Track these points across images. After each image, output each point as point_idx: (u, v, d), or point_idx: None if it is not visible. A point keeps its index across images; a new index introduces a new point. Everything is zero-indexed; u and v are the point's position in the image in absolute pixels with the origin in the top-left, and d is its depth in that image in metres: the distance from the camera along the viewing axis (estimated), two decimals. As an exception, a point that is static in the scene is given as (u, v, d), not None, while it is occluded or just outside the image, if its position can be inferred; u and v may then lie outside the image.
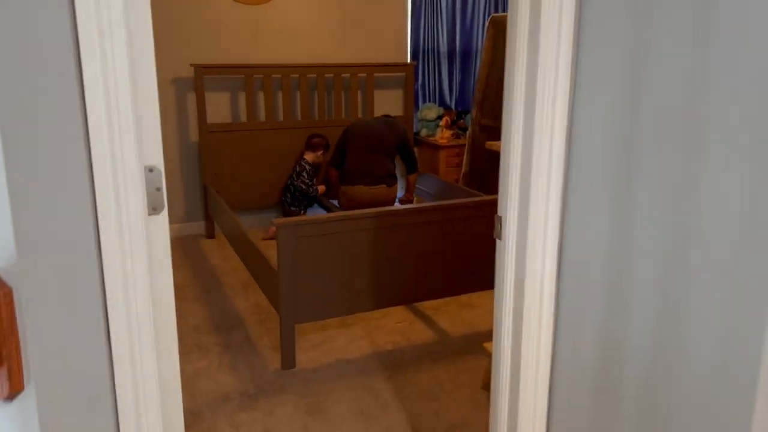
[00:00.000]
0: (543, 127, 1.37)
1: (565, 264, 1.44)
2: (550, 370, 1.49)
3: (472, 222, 3.06)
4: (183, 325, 3.24)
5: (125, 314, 1.21)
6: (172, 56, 4.50)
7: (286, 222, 2.66)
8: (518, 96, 1.41)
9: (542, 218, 1.41)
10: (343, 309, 2.88)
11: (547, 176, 1.39)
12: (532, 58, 1.36)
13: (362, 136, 4.35)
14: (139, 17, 1.17)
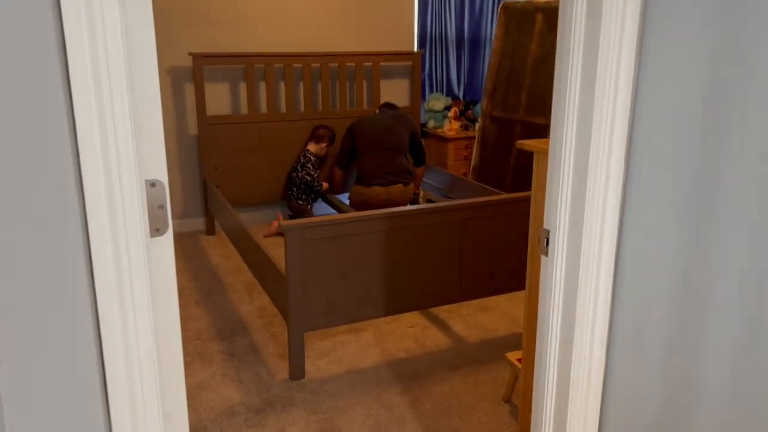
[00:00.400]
0: (601, 130, 1.19)
1: (621, 286, 1.27)
2: (601, 408, 1.33)
3: (490, 222, 2.88)
4: (184, 332, 3.07)
5: (125, 370, 1.03)
6: (170, 45, 4.30)
7: (293, 224, 2.48)
8: (571, 94, 1.23)
9: (597, 234, 1.24)
10: (354, 315, 2.71)
11: (605, 186, 1.22)
12: (590, 51, 1.18)
13: (372, 134, 4.15)
14: (137, 4, 0.98)
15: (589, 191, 1.23)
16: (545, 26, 4.22)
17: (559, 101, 1.27)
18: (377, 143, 4.13)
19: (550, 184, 1.31)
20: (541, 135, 4.22)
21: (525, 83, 4.35)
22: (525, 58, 4.36)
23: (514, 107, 4.43)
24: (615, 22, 1.14)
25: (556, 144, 1.28)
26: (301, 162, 4.46)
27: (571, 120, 1.25)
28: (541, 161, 1.85)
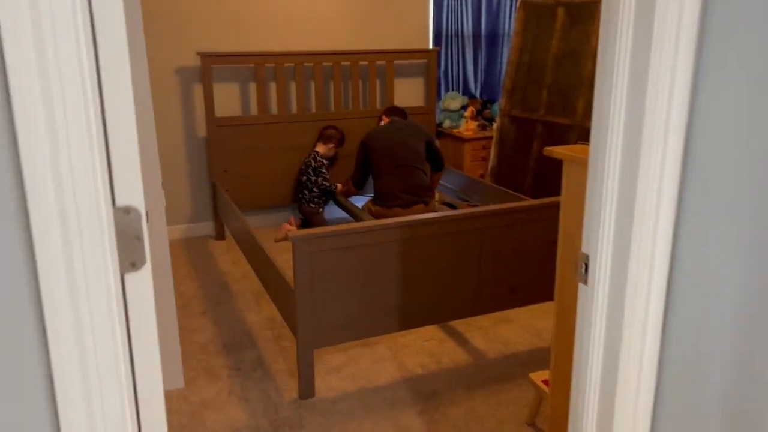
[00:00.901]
0: (653, 138, 1.02)
1: (674, 320, 1.10)
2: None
3: (511, 230, 2.71)
4: (189, 344, 2.93)
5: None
6: (177, 44, 4.17)
7: (300, 235, 2.33)
8: (617, 97, 1.06)
9: (647, 260, 1.07)
10: (367, 330, 2.55)
11: (656, 205, 1.04)
12: (641, 47, 1.01)
13: (387, 150, 3.90)
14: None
15: (638, 211, 1.06)
16: (567, 21, 4.03)
17: (602, 104, 1.10)
18: (393, 160, 3.90)
19: (591, 202, 1.14)
20: (563, 135, 4.03)
21: (546, 81, 4.16)
22: (546, 54, 4.17)
23: (534, 106, 4.24)
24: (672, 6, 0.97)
25: (598, 157, 1.11)
26: (313, 166, 4.31)
27: (616, 127, 1.07)
28: (571, 170, 1.68)
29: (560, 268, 1.79)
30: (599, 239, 1.13)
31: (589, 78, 3.85)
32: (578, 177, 1.65)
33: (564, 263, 1.76)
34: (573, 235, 1.70)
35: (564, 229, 1.73)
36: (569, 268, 1.74)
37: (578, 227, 1.67)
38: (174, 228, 4.42)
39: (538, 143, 4.22)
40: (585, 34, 3.89)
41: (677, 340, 1.10)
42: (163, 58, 4.15)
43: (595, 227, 1.13)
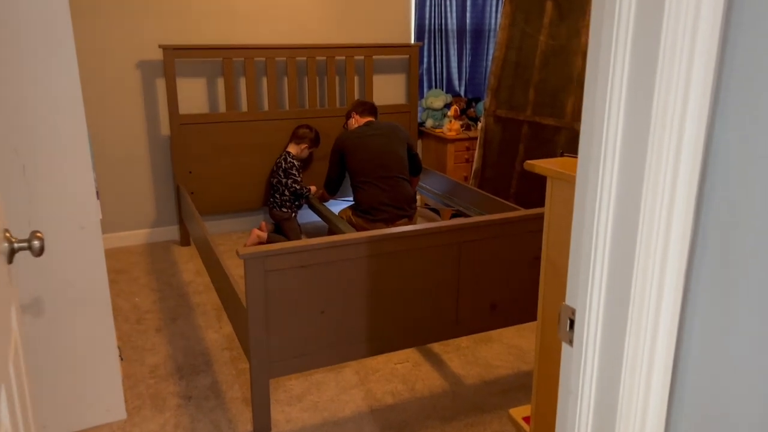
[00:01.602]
0: (660, 161, 0.76)
1: (683, 396, 0.84)
2: None
3: (493, 244, 2.46)
4: (138, 367, 2.66)
5: None
6: (138, 36, 3.87)
7: (251, 252, 2.06)
8: (612, 107, 0.80)
9: (650, 318, 0.81)
10: (331, 357, 2.29)
11: (664, 247, 0.79)
12: (646, 38, 0.75)
13: (371, 160, 3.59)
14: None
15: (640, 255, 0.80)
16: (556, 16, 3.77)
17: (593, 115, 0.84)
18: (378, 170, 3.60)
19: (579, 243, 0.88)
20: (551, 137, 3.78)
21: (533, 79, 3.91)
22: (533, 51, 3.91)
23: (520, 106, 3.99)
24: None
25: (588, 185, 0.85)
26: (283, 167, 4.03)
27: (612, 145, 0.82)
28: (556, 188, 1.42)
29: (543, 289, 1.54)
30: (589, 290, 0.87)
31: (580, 77, 3.60)
32: (564, 195, 1.39)
33: (546, 298, 1.51)
34: (556, 264, 1.45)
35: (547, 257, 1.48)
36: (551, 302, 1.49)
37: (563, 255, 1.42)
38: (135, 233, 4.13)
39: (524, 145, 3.98)
40: (575, 29, 3.64)
41: (687, 418, 0.84)
42: (123, 51, 3.85)
43: (584, 275, 0.87)
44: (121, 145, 3.97)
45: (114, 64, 3.85)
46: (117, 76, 3.87)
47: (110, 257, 3.91)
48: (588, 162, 0.85)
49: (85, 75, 3.79)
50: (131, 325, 3.03)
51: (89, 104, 3.85)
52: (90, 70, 3.80)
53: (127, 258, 3.90)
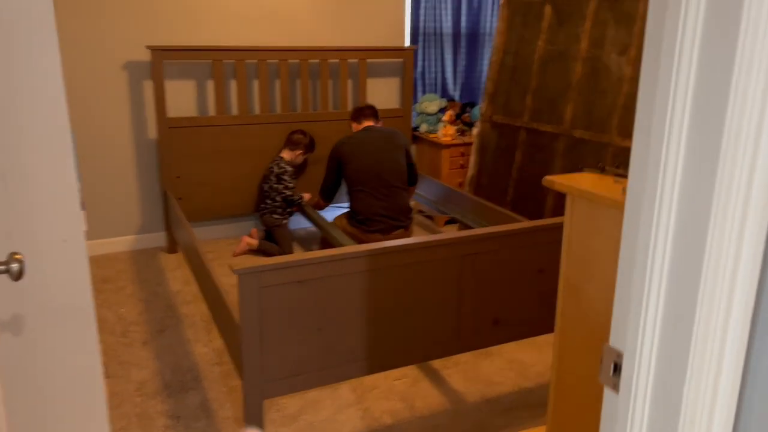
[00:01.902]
0: (730, 192, 0.67)
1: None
2: None
3: (495, 257, 2.37)
4: (124, 384, 2.53)
5: None
6: (126, 36, 3.74)
7: (247, 268, 1.95)
8: (674, 123, 0.71)
9: (711, 366, 0.72)
10: (327, 377, 2.18)
11: (729, 288, 0.70)
12: (718, 40, 0.66)
13: (369, 168, 3.49)
14: None
15: (702, 294, 0.71)
16: (555, 20, 3.70)
17: (650, 129, 0.75)
18: (376, 178, 3.49)
19: (627, 277, 0.79)
20: (549, 144, 3.70)
21: (531, 85, 3.83)
22: (531, 56, 3.84)
23: (517, 112, 3.91)
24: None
25: (642, 210, 0.76)
26: (275, 173, 3.92)
27: (673, 166, 0.73)
28: (577, 207, 1.34)
29: (560, 330, 1.46)
30: (640, 333, 0.78)
31: (579, 83, 3.53)
32: (585, 213, 1.31)
33: (565, 322, 1.42)
34: (576, 287, 1.36)
35: (566, 277, 1.39)
36: (570, 329, 1.40)
37: (583, 278, 1.33)
38: (121, 240, 4.00)
39: (521, 152, 3.90)
40: (574, 35, 3.57)
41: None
42: (110, 51, 3.72)
43: (635, 315, 0.78)
44: (106, 148, 3.84)
45: (100, 64, 3.72)
46: (103, 78, 3.74)
47: (95, 265, 3.78)
48: (641, 192, 0.76)
49: (69, 76, 3.66)
50: (117, 338, 2.91)
51: (74, 106, 3.71)
52: (75, 71, 3.67)
53: (113, 266, 3.76)
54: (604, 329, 1.28)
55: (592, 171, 1.39)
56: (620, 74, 3.31)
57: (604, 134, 3.39)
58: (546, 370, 2.68)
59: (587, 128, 3.48)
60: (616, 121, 3.33)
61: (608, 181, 1.30)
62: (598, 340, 1.31)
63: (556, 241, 2.45)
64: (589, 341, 1.34)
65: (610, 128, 3.36)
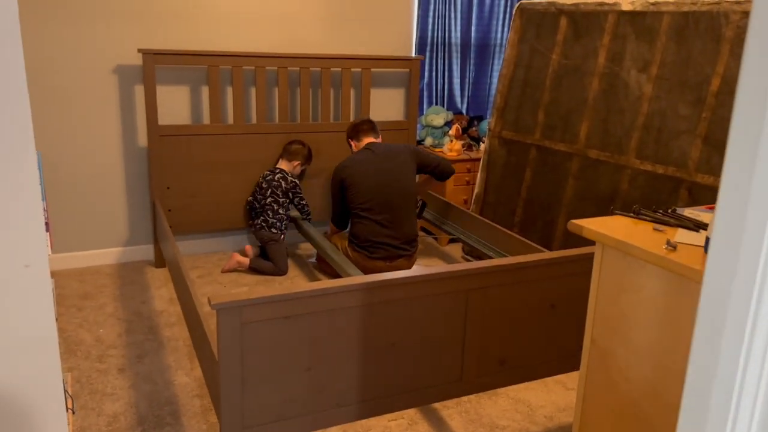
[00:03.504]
0: None
1: None
2: None
3: (503, 291, 2.16)
4: (93, 419, 2.32)
5: None
6: (116, 39, 3.55)
7: (224, 302, 1.74)
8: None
9: None
10: (316, 422, 1.97)
11: None
12: None
13: (373, 190, 3.28)
14: None
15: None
16: (570, 33, 3.50)
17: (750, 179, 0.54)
18: (381, 204, 3.29)
19: (704, 383, 0.58)
20: (561, 164, 3.49)
21: (543, 100, 3.63)
22: (544, 69, 3.63)
23: (528, 128, 3.71)
24: None
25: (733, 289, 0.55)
26: (283, 188, 3.72)
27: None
28: (607, 256, 1.13)
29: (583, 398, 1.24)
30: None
31: (595, 100, 3.32)
32: (617, 268, 1.10)
33: (590, 390, 1.21)
34: (605, 351, 1.15)
35: (592, 338, 1.18)
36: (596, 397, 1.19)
37: (614, 341, 1.12)
38: (106, 252, 3.79)
39: (531, 170, 3.69)
40: (592, 48, 3.37)
41: None
42: (99, 55, 3.53)
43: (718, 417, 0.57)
44: (93, 155, 3.64)
45: (89, 68, 3.52)
46: (92, 82, 3.54)
47: (77, 278, 3.57)
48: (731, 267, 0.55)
49: (57, 78, 3.46)
50: (92, 363, 2.69)
51: (61, 110, 3.51)
52: (62, 74, 3.47)
53: (95, 280, 3.56)
54: (637, 404, 1.07)
55: (623, 214, 1.18)
56: (640, 92, 3.10)
57: (621, 156, 3.17)
58: (556, 413, 2.47)
59: (602, 148, 3.27)
60: (634, 143, 3.12)
61: (645, 229, 1.10)
62: (630, 416, 1.10)
63: (570, 275, 2.24)
64: (618, 415, 1.13)
65: (627, 149, 3.15)
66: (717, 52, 2.80)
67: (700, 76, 2.86)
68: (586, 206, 3.32)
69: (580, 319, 2.29)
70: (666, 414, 0.99)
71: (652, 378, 1.00)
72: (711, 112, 2.81)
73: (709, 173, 2.80)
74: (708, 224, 1.11)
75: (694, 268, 0.95)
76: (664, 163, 2.98)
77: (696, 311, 1.00)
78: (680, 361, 0.98)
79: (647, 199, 3.04)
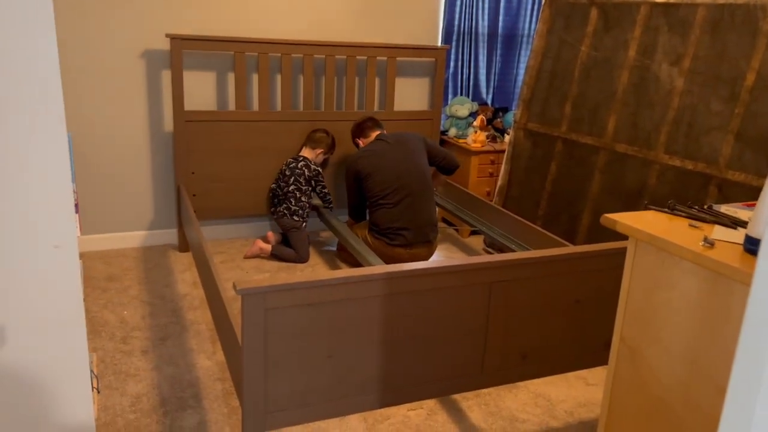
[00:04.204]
0: None
1: None
2: None
3: (527, 285, 2.14)
4: (117, 399, 2.36)
5: None
6: (144, 23, 3.57)
7: (250, 288, 1.75)
8: None
9: None
10: (336, 409, 1.98)
11: None
12: None
13: (390, 178, 3.30)
14: None
15: None
16: (601, 24, 3.44)
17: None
18: (398, 190, 3.30)
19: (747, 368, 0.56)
20: (587, 158, 3.45)
21: (571, 92, 3.58)
22: (573, 61, 3.58)
23: (555, 120, 3.66)
24: None
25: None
26: (306, 176, 3.72)
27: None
28: (642, 251, 1.11)
29: (610, 396, 1.23)
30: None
31: (624, 93, 3.27)
32: (650, 265, 1.08)
33: (618, 387, 1.19)
34: (634, 350, 1.13)
35: (621, 336, 1.16)
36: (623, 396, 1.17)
37: (644, 340, 1.10)
38: (131, 235, 3.84)
39: (557, 163, 3.65)
40: (622, 41, 3.31)
41: None
42: (127, 39, 3.55)
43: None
44: (121, 139, 3.68)
45: (117, 52, 3.55)
46: (119, 66, 3.57)
47: (103, 261, 3.62)
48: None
49: (84, 63, 3.50)
50: (116, 344, 2.73)
51: (88, 94, 3.55)
52: (90, 58, 3.51)
53: (121, 263, 3.60)
54: (667, 404, 1.06)
55: (657, 209, 1.16)
56: (671, 86, 3.05)
57: (650, 150, 3.12)
58: (576, 409, 2.45)
59: (631, 143, 3.22)
60: (664, 138, 3.06)
61: (680, 225, 1.08)
62: (658, 416, 1.08)
63: (597, 270, 2.21)
64: (645, 414, 1.12)
65: (656, 144, 3.10)
66: (753, 46, 2.73)
67: (734, 71, 2.80)
68: (613, 201, 3.28)
69: (605, 315, 2.26)
70: (697, 417, 0.97)
71: (684, 378, 0.98)
72: (744, 107, 2.75)
73: (741, 170, 2.75)
74: (747, 222, 1.09)
75: (733, 266, 0.93)
76: (693, 158, 2.93)
77: (732, 310, 0.98)
78: (714, 361, 0.96)
79: (675, 196, 2.99)
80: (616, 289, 2.09)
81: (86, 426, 2.00)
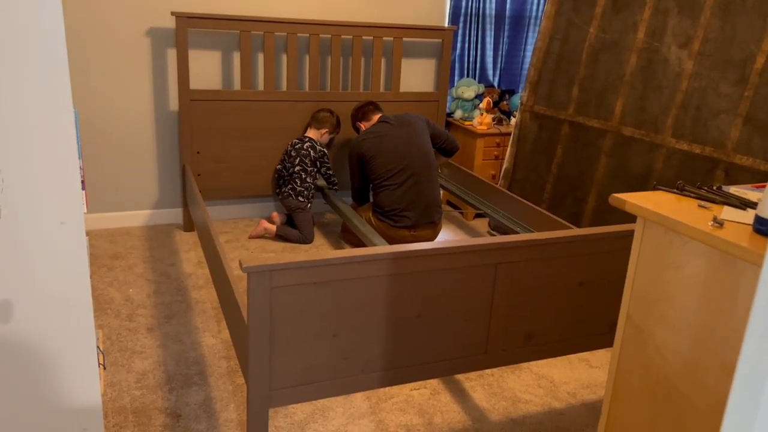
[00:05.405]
0: None
1: None
2: None
3: (533, 266, 2.14)
4: (124, 374, 2.38)
5: None
6: (150, 1, 3.55)
7: (256, 266, 1.75)
8: None
9: None
10: (341, 387, 1.99)
11: None
12: None
13: (391, 161, 3.29)
14: None
15: None
16: (610, 6, 3.40)
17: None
18: (402, 171, 3.29)
19: (756, 357, 0.56)
20: (594, 141, 3.43)
21: (578, 75, 3.55)
22: (581, 43, 3.55)
23: (561, 103, 3.64)
24: None
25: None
26: (312, 156, 3.71)
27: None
28: (650, 231, 1.10)
29: (615, 375, 1.23)
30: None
31: (632, 76, 3.24)
32: (658, 244, 1.08)
33: (623, 366, 1.20)
34: (640, 329, 1.13)
35: (628, 315, 1.16)
36: (628, 375, 1.18)
37: (650, 319, 1.10)
38: (136, 213, 3.85)
39: (563, 146, 3.63)
40: (631, 23, 3.27)
41: None
42: (132, 16, 3.53)
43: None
44: (126, 117, 3.67)
45: (122, 30, 3.53)
46: (125, 44, 3.56)
47: (108, 239, 3.64)
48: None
49: (90, 40, 3.48)
50: (122, 322, 2.75)
51: (93, 72, 3.54)
52: (96, 36, 3.49)
53: (125, 241, 3.62)
54: (672, 383, 1.06)
55: (666, 190, 1.15)
56: (680, 69, 3.02)
57: (657, 134, 3.11)
58: (579, 390, 2.46)
59: (638, 126, 3.20)
60: (671, 121, 3.04)
61: (689, 205, 1.07)
62: (664, 395, 1.09)
63: (601, 252, 2.21)
64: (650, 393, 1.12)
65: (663, 128, 3.08)
66: (763, 29, 2.70)
67: (744, 54, 2.77)
68: (619, 185, 3.27)
69: (610, 297, 2.27)
70: (702, 394, 0.98)
71: (690, 356, 0.99)
72: (753, 91, 2.72)
73: (749, 154, 2.73)
74: (756, 202, 1.08)
75: (742, 246, 0.93)
76: (701, 142, 2.91)
77: (741, 289, 0.98)
78: (720, 340, 0.96)
79: (682, 179, 2.98)
80: (620, 272, 2.09)
81: (93, 402, 2.02)
